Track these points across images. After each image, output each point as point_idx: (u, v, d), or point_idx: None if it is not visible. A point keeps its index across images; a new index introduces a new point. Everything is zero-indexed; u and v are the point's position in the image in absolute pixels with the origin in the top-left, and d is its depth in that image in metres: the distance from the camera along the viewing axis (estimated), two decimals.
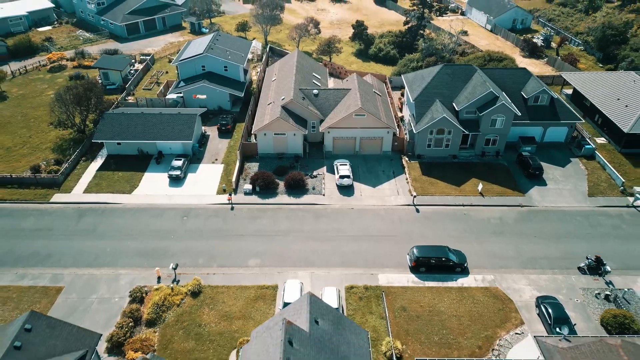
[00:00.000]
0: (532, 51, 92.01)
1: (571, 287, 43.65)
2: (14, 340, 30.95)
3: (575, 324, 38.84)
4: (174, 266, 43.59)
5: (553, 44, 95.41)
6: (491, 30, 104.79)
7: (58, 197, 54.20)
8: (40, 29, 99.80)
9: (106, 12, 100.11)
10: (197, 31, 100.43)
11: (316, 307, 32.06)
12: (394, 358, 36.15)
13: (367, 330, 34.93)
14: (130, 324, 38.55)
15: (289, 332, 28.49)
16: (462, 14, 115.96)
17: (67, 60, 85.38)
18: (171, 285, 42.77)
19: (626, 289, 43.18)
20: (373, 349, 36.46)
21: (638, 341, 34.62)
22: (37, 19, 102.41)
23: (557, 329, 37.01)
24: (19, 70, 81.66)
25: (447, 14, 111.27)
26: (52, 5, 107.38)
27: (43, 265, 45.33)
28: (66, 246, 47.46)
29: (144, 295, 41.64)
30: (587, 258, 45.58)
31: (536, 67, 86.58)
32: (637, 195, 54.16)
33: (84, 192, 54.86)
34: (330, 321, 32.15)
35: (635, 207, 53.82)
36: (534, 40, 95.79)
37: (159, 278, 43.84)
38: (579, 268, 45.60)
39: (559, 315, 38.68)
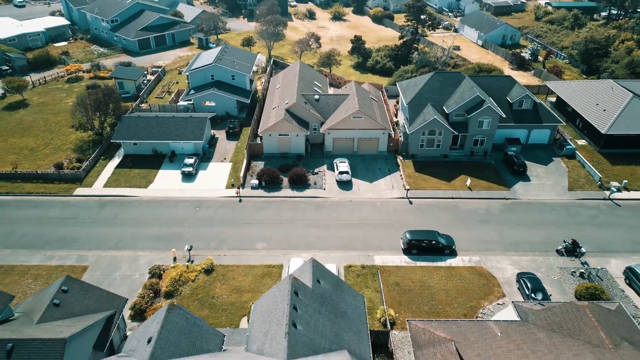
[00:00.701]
0: (520, 64, 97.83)
1: (549, 267, 48.03)
2: (53, 299, 35.32)
3: (550, 295, 43.15)
4: (188, 247, 48.09)
5: (540, 58, 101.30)
6: (482, 46, 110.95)
7: (80, 190, 58.96)
8: (56, 44, 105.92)
9: (119, 29, 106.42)
10: (204, 46, 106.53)
11: (318, 270, 36.52)
12: (388, 323, 40.34)
13: (363, 295, 39.28)
14: (151, 294, 42.89)
15: (294, 286, 32.93)
16: (455, 31, 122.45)
17: (84, 72, 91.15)
18: (186, 264, 47.20)
19: (599, 268, 47.57)
20: (369, 316, 40.65)
21: (604, 305, 39.02)
22: (53, 35, 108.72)
23: (533, 295, 41.35)
24: (39, 80, 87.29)
25: (439, 28, 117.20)
26: (68, 22, 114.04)
27: (69, 248, 49.77)
28: (89, 232, 51.99)
29: (162, 272, 46.03)
30: (565, 241, 50.07)
31: (524, 78, 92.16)
32: (613, 189, 58.87)
33: (103, 187, 59.64)
34: (331, 283, 36.57)
35: (611, 199, 58.46)
36: (522, 54, 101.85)
37: (174, 258, 48.28)
38: (557, 250, 50.01)
39: (536, 287, 43.02)
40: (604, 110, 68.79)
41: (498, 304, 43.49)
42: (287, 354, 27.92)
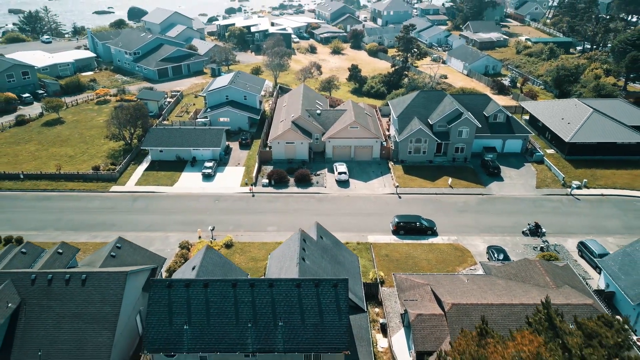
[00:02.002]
0: (500, 89, 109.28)
1: (515, 244, 57.00)
2: (110, 252, 44.34)
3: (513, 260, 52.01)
4: (211, 228, 57.24)
5: (518, 84, 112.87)
6: (467, 75, 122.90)
7: (115, 188, 68.54)
8: (83, 74, 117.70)
9: (141, 60, 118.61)
10: (217, 75, 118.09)
11: (322, 230, 45.73)
12: (378, 280, 49.05)
13: (357, 256, 48.24)
14: (182, 261, 51.66)
15: (303, 236, 42.08)
16: (443, 62, 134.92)
17: (111, 95, 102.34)
18: (210, 240, 56.19)
19: (557, 244, 56.56)
20: (362, 278, 49.31)
21: (554, 263, 47.97)
22: (81, 65, 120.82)
23: (495, 256, 50.32)
24: (71, 102, 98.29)
25: (426, 58, 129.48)
26: (94, 55, 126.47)
27: (109, 230, 58.85)
28: (125, 218, 61.20)
29: (190, 246, 54.97)
30: (529, 224, 59.27)
31: (503, 101, 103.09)
32: (574, 185, 68.49)
33: (135, 185, 69.26)
34: (331, 241, 45.70)
35: (572, 195, 67.92)
36: (502, 81, 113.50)
37: (199, 237, 57.29)
38: (522, 232, 59.09)
39: (501, 253, 51.95)
40: (568, 123, 79.24)
41: (470, 269, 52.25)
42: (298, 275, 36.85)
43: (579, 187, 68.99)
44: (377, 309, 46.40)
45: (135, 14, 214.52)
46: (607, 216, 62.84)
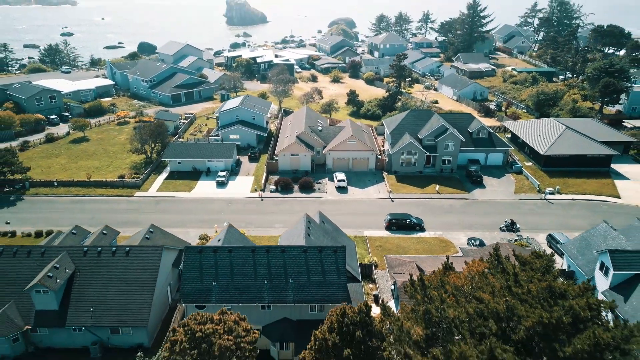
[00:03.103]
0: (487, 112, 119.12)
1: (493, 237, 64.95)
2: (145, 235, 52.49)
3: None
4: (226, 224, 65.23)
5: (503, 108, 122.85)
6: (456, 100, 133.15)
7: (139, 193, 77.00)
8: (103, 99, 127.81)
9: (156, 87, 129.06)
10: (225, 100, 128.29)
11: (323, 217, 53.97)
12: (372, 263, 56.91)
13: (354, 242, 56.26)
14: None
15: (308, 219, 50.33)
16: (435, 89, 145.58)
17: (130, 117, 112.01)
18: None
19: (529, 237, 64.59)
20: (359, 263, 57.17)
21: (522, 247, 55.99)
22: (101, 92, 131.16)
23: (473, 243, 58.38)
24: (94, 123, 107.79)
25: (418, 84, 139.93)
26: (113, 82, 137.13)
27: (137, 227, 66.62)
28: (150, 217, 69.25)
29: (208, 238, 62.95)
30: (505, 221, 67.46)
31: (489, 122, 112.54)
32: (547, 191, 76.97)
33: (157, 191, 77.74)
34: (332, 226, 53.89)
35: (546, 199, 76.30)
36: (489, 105, 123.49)
37: (216, 231, 65.35)
38: (500, 228, 67.21)
39: (477, 240, 60.00)
40: (544, 138, 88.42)
41: (453, 255, 59.99)
42: (305, 244, 44.98)
43: (552, 193, 77.48)
44: (371, 285, 54.15)
45: (145, 48, 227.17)
46: (576, 216, 71.10)
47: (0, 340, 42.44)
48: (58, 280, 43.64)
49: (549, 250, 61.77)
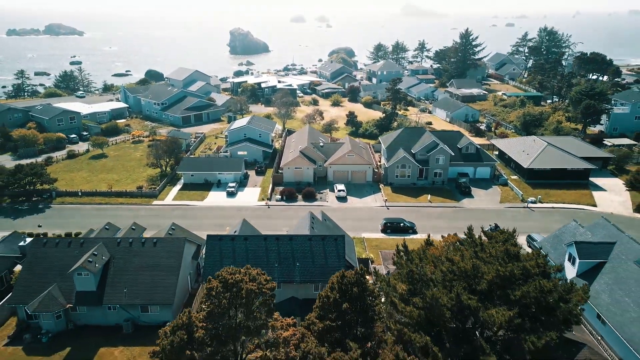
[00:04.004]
0: (477, 132, 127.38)
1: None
2: (168, 231, 59.54)
3: None
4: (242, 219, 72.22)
5: (492, 128, 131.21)
6: (449, 122, 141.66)
7: (156, 202, 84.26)
8: (118, 121, 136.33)
9: (167, 109, 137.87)
10: (232, 121, 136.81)
11: (325, 216, 61.11)
12: (369, 258, 63.70)
13: (352, 239, 63.21)
14: None
15: (312, 216, 57.48)
16: (429, 112, 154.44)
17: (144, 137, 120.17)
18: None
19: None
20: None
21: None
22: (115, 114, 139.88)
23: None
24: (111, 142, 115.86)
25: (413, 107, 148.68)
26: (126, 105, 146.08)
27: (156, 229, 73.78)
28: (167, 222, 76.10)
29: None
30: (490, 225, 74.45)
31: (479, 141, 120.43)
32: (529, 200, 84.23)
33: (172, 200, 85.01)
34: (332, 224, 60.95)
35: (528, 207, 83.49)
36: (479, 126, 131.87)
37: (227, 231, 72.20)
38: (483, 230, 73.97)
39: None
40: (527, 154, 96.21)
41: None
42: (309, 233, 52.06)
43: (534, 202, 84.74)
44: (367, 277, 60.75)
45: (152, 75, 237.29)
46: (554, 221, 78.09)
47: (46, 316, 49.03)
48: (97, 265, 50.51)
49: (528, 250, 68.58)
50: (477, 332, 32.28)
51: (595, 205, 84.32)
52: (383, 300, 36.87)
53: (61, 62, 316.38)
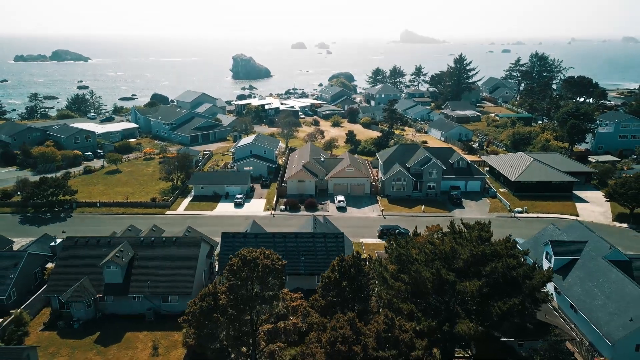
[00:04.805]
0: (470, 150, 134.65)
1: None
2: (184, 233, 65.94)
3: None
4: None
5: (484, 146, 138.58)
6: (444, 141, 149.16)
7: (169, 212, 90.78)
8: (129, 140, 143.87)
9: (176, 129, 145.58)
10: (237, 140, 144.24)
11: (327, 219, 67.58)
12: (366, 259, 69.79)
13: (351, 242, 69.52)
14: None
15: (315, 218, 63.98)
16: (425, 132, 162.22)
17: (155, 154, 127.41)
18: None
19: None
20: None
21: None
22: (126, 134, 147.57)
23: None
24: (125, 158, 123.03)
25: (410, 127, 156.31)
26: (137, 125, 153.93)
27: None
28: (182, 229, 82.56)
29: None
30: None
31: (471, 158, 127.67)
32: (516, 211, 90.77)
33: (184, 210, 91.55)
34: (333, 226, 67.34)
35: (515, 216, 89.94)
36: (472, 144, 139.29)
37: None
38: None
39: None
40: (515, 169, 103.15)
41: None
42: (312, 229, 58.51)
43: (520, 212, 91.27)
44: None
45: (158, 99, 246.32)
46: (538, 228, 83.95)
47: (78, 305, 55.02)
48: (123, 260, 56.79)
49: None
50: (454, 303, 38.43)
51: (577, 215, 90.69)
52: (377, 282, 43.08)
53: (69, 87, 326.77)
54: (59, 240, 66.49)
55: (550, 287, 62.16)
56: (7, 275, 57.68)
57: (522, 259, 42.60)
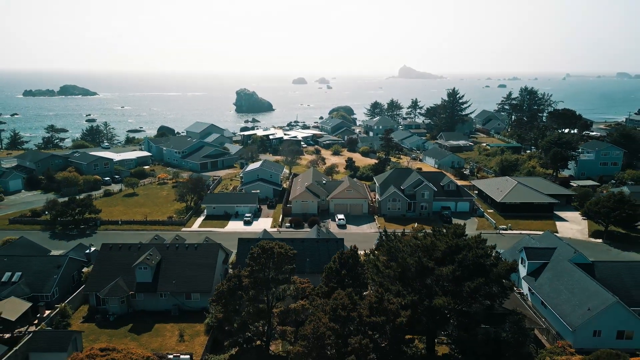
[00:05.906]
0: (462, 176, 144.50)
1: None
2: (203, 241, 74.82)
3: None
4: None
5: (475, 172, 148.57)
6: (437, 168, 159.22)
7: (185, 229, 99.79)
8: (143, 167, 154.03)
9: (187, 157, 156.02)
10: (244, 167, 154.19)
11: (329, 230, 76.61)
12: None
13: None
14: None
15: (318, 228, 73.05)
16: (420, 160, 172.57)
17: (168, 179, 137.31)
18: None
19: None
20: None
21: None
22: (140, 161, 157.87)
23: None
24: (140, 183, 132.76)
25: (405, 155, 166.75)
26: (149, 154, 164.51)
27: None
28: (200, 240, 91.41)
29: None
30: None
31: (462, 183, 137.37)
32: (500, 228, 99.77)
33: (198, 227, 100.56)
34: (333, 236, 76.32)
35: (499, 233, 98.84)
36: (463, 171, 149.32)
37: None
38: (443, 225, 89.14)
39: None
40: (500, 191, 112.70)
41: None
42: (316, 236, 67.54)
43: (504, 229, 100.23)
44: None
45: (165, 131, 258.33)
46: (520, 243, 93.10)
47: (113, 300, 63.46)
48: (153, 262, 65.59)
49: None
50: (433, 284, 47.21)
51: (557, 232, 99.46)
52: (370, 270, 51.94)
53: (78, 120, 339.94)
54: (93, 249, 75.21)
55: (525, 288, 70.95)
56: (52, 276, 66.30)
57: (491, 253, 51.54)
